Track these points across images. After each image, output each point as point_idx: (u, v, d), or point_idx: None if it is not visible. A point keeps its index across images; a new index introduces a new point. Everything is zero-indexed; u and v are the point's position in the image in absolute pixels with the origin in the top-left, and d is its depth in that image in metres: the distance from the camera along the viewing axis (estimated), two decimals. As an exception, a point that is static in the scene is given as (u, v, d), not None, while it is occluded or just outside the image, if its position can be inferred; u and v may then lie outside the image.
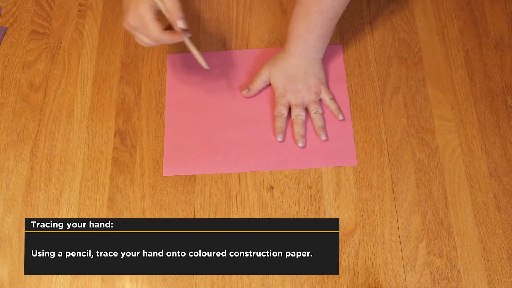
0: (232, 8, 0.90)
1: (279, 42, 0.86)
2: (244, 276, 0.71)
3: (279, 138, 0.78)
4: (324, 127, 0.78)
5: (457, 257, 0.71)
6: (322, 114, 0.80)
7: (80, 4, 0.91)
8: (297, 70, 0.79)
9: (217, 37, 0.87)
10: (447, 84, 0.82)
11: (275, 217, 0.74)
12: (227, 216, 0.75)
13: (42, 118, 0.82)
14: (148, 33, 0.67)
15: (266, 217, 0.74)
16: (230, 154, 0.78)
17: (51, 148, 0.80)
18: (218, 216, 0.75)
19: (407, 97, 0.81)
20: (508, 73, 0.82)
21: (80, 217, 0.75)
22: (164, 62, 0.85)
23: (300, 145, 0.77)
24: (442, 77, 0.82)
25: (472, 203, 0.74)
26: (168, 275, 0.71)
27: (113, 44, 0.87)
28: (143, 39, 0.70)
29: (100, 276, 0.72)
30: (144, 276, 0.72)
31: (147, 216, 0.75)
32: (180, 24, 0.66)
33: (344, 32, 0.86)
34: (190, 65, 0.84)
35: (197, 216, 0.75)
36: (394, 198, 0.75)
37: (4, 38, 0.88)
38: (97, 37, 0.88)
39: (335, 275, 0.71)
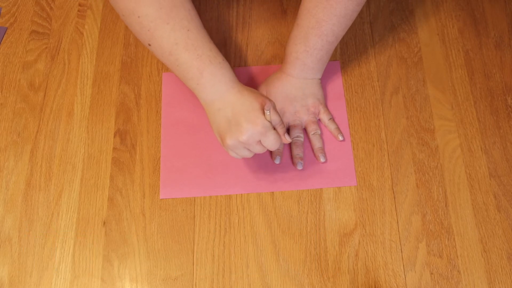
0: (232, 8, 0.90)
1: (279, 42, 0.86)
2: (244, 276, 0.71)
3: (277, 161, 0.76)
4: (323, 149, 0.77)
5: (457, 257, 0.71)
6: (321, 134, 0.78)
7: (80, 4, 0.91)
8: (295, 91, 0.77)
9: (217, 37, 0.87)
10: (447, 84, 0.82)
11: (275, 217, 0.74)
12: (227, 216, 0.75)
13: (42, 118, 0.82)
14: (269, 140, 0.68)
15: (265, 217, 0.74)
16: (227, 176, 0.77)
17: (51, 148, 0.80)
18: (218, 216, 0.75)
19: (407, 97, 0.81)
20: (508, 73, 0.82)
21: (80, 217, 0.75)
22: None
23: (298, 167, 0.75)
24: (442, 77, 0.82)
25: (472, 203, 0.74)
26: (168, 275, 0.71)
27: (113, 44, 0.87)
28: (244, 153, 0.69)
29: (100, 276, 0.72)
30: (144, 276, 0.72)
31: (147, 216, 0.75)
32: (288, 138, 0.70)
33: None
34: None
35: (197, 216, 0.75)
36: (394, 198, 0.75)
37: (4, 38, 0.88)
38: (97, 37, 0.88)
39: (335, 275, 0.71)
